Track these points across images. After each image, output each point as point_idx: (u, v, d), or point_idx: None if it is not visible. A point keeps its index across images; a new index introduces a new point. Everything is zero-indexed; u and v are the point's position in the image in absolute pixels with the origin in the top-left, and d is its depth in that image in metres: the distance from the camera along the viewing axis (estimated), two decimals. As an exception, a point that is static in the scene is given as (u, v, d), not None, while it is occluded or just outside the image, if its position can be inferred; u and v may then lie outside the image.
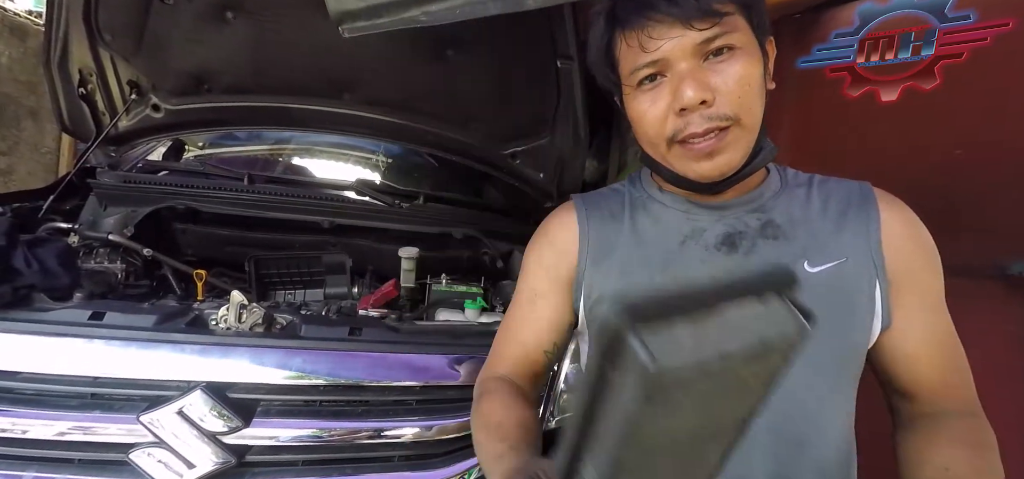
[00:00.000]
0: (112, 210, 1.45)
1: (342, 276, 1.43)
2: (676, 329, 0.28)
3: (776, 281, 0.31)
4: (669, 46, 0.56)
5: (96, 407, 0.80)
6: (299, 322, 0.97)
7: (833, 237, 0.63)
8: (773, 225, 0.64)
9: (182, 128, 1.70)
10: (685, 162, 0.60)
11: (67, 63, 1.46)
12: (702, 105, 0.56)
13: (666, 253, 0.67)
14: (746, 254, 0.64)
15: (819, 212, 0.65)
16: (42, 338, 0.81)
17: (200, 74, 1.57)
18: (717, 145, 0.58)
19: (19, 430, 0.77)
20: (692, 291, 0.29)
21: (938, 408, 0.62)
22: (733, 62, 0.57)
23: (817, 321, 0.35)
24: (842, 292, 0.61)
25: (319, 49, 1.50)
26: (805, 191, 0.67)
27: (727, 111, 0.57)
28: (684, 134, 0.58)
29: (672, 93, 0.58)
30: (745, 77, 0.57)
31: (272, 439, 0.84)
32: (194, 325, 0.90)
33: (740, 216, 0.65)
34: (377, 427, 0.88)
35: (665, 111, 0.59)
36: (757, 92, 0.59)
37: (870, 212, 0.63)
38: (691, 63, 0.57)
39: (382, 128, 1.72)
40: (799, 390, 0.60)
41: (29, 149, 3.03)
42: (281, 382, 0.87)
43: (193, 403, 0.80)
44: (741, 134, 0.58)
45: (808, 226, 0.64)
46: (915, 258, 0.63)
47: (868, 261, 0.61)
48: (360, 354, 0.92)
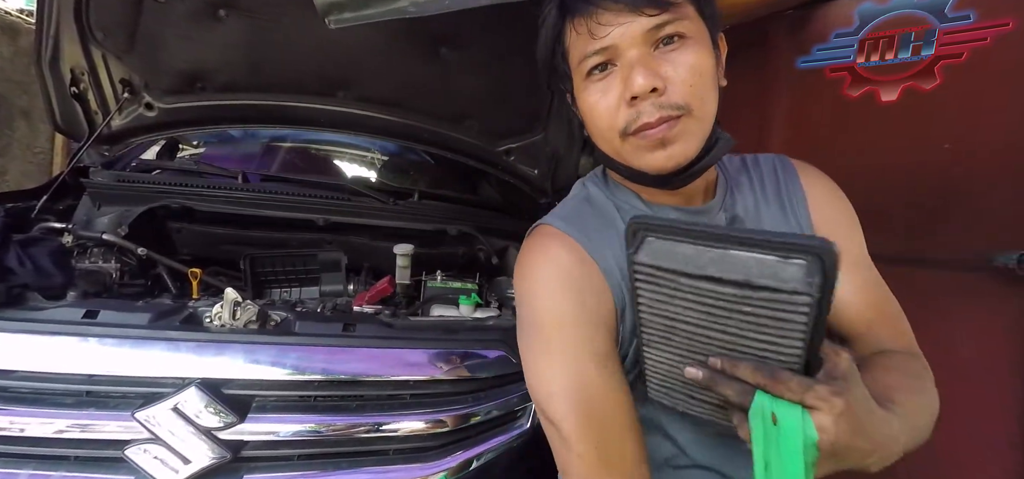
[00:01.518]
0: (106, 209, 1.45)
1: (337, 273, 1.44)
2: (679, 245, 0.42)
3: (817, 249, 0.38)
4: (618, 32, 0.56)
5: (91, 405, 0.80)
6: (293, 319, 0.97)
7: (781, 217, 0.66)
8: (738, 219, 0.66)
9: (176, 127, 1.69)
10: (639, 154, 0.58)
11: (59, 62, 1.45)
12: (653, 93, 0.55)
13: None
14: None
15: (762, 196, 0.67)
16: (36, 337, 0.82)
17: (193, 72, 1.57)
18: (669, 133, 0.56)
19: (15, 428, 0.78)
20: (712, 229, 0.42)
21: (875, 348, 0.64)
22: (684, 51, 0.56)
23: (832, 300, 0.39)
24: None
25: (313, 47, 1.50)
26: (746, 178, 0.69)
27: (678, 100, 0.56)
28: (636, 124, 0.56)
29: (623, 82, 0.57)
30: (696, 66, 0.56)
31: (268, 434, 0.84)
32: (188, 323, 0.91)
33: (713, 217, 0.66)
34: (372, 422, 0.89)
35: (616, 102, 0.58)
36: (710, 83, 0.58)
37: (795, 186, 0.68)
38: (641, 50, 0.56)
39: (377, 126, 1.72)
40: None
41: (22, 149, 3.01)
42: (276, 378, 0.87)
43: (188, 399, 0.81)
44: (693, 125, 0.57)
45: (762, 212, 0.67)
46: (838, 221, 0.67)
47: (803, 230, 0.65)
48: (355, 350, 0.93)
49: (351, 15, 0.98)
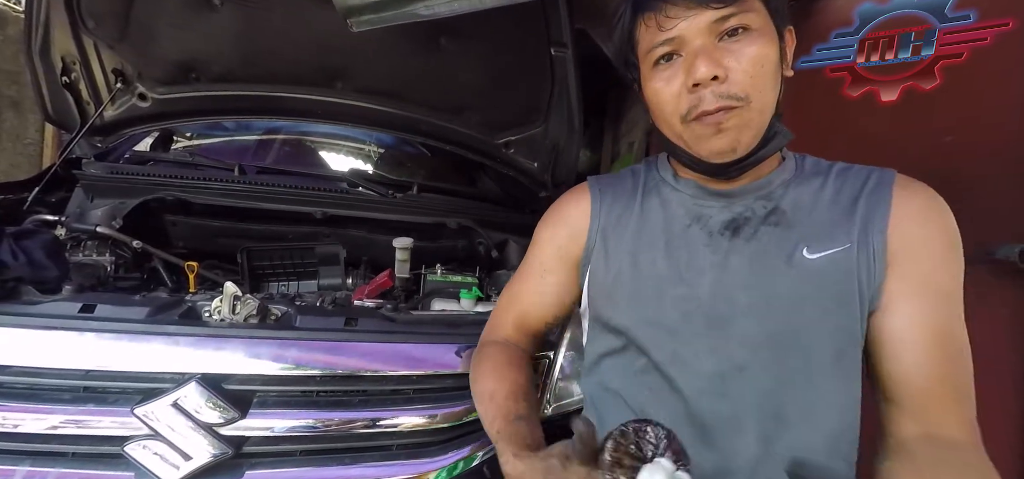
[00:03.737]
0: (100, 202, 1.42)
1: (336, 267, 1.42)
2: None
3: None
4: (684, 25, 0.58)
5: (89, 400, 0.79)
6: (294, 313, 0.96)
7: (838, 224, 0.62)
8: (778, 212, 0.65)
9: (170, 118, 1.66)
10: (698, 140, 0.61)
11: (49, 51, 1.42)
12: (714, 81, 0.58)
13: (670, 235, 0.68)
14: (747, 240, 0.65)
15: (829, 200, 0.64)
16: (32, 331, 0.80)
17: (187, 62, 1.54)
18: (726, 120, 0.58)
19: (11, 424, 0.76)
20: None
21: (931, 429, 0.55)
22: (747, 43, 0.58)
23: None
24: (837, 278, 0.61)
25: (310, 37, 1.47)
26: (821, 180, 0.66)
27: (738, 91, 0.58)
28: (697, 111, 0.59)
29: (685, 70, 0.59)
30: (758, 58, 0.58)
31: (269, 430, 0.83)
32: (187, 317, 0.89)
33: (748, 203, 0.66)
34: (374, 417, 0.88)
35: (679, 89, 0.60)
36: (771, 75, 0.59)
37: (882, 198, 0.62)
38: (705, 41, 0.58)
39: (375, 117, 1.70)
40: (788, 370, 0.62)
41: (11, 140, 2.96)
42: (277, 373, 0.86)
43: (188, 395, 0.79)
44: (751, 115, 0.59)
45: (814, 214, 0.64)
46: (923, 243, 0.59)
47: (869, 246, 0.60)
48: (356, 344, 0.92)
49: (372, 17, 1.05)
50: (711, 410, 0.63)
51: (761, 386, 0.62)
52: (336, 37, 1.45)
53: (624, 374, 0.70)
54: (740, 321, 0.63)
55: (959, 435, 0.54)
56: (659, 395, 0.66)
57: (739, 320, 0.63)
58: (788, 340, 0.61)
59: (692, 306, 0.64)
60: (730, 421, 0.62)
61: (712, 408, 0.63)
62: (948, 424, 0.54)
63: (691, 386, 0.64)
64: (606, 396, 0.72)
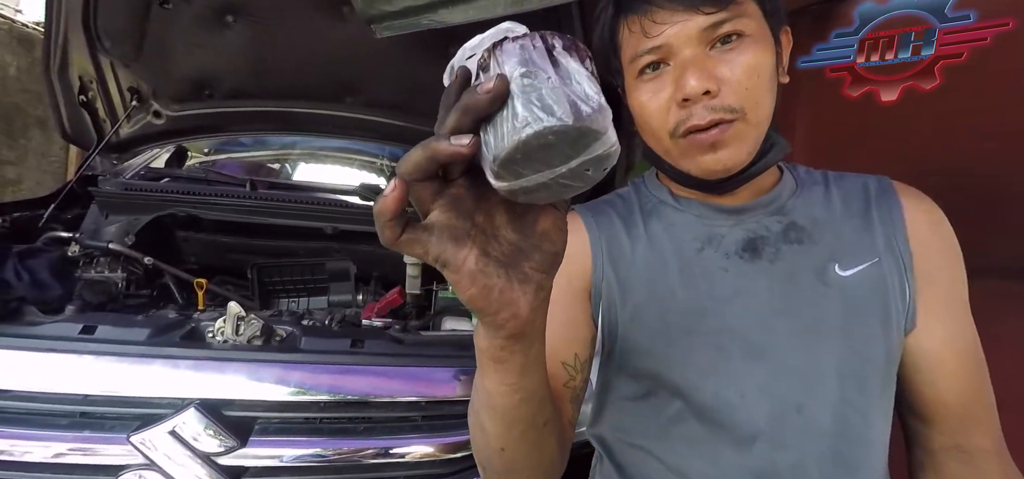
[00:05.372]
0: (114, 218, 1.43)
1: (346, 283, 1.40)
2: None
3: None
4: (673, 31, 0.52)
5: (86, 426, 0.76)
6: (299, 334, 0.92)
7: (861, 236, 0.58)
8: (796, 227, 0.59)
9: (184, 134, 1.67)
10: (688, 157, 0.56)
11: (67, 70, 1.44)
12: (706, 96, 0.52)
13: (683, 262, 0.61)
14: (772, 261, 0.59)
15: (841, 210, 0.60)
16: (31, 354, 0.78)
17: (201, 79, 1.55)
18: (720, 137, 0.53)
19: (6, 451, 0.74)
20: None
21: (960, 440, 0.55)
22: (742, 50, 0.52)
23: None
24: (879, 295, 0.56)
25: (320, 52, 1.47)
26: (822, 189, 0.62)
27: (732, 102, 0.52)
28: (686, 126, 0.53)
29: (674, 83, 0.54)
30: (754, 67, 0.52)
31: (270, 460, 0.79)
32: (189, 338, 0.87)
33: (760, 219, 0.60)
34: (381, 446, 0.84)
35: (667, 102, 0.55)
36: (767, 84, 0.54)
37: (893, 206, 0.59)
38: (696, 50, 0.52)
39: (385, 131, 1.69)
40: (846, 406, 0.55)
41: (37, 158, 3.04)
42: (280, 399, 0.82)
43: (186, 422, 0.76)
44: (746, 129, 0.53)
45: (832, 226, 0.59)
46: (941, 255, 0.57)
47: (897, 258, 0.57)
48: (363, 368, 0.88)
49: (395, 23, 1.07)
50: (771, 462, 0.55)
51: (821, 427, 0.55)
52: (346, 52, 1.44)
53: (650, 424, 0.61)
54: (784, 352, 0.56)
55: (987, 445, 0.55)
56: (701, 448, 0.58)
57: (782, 351, 0.56)
58: (843, 369, 0.55)
59: (725, 339, 0.57)
60: (794, 471, 0.55)
61: (772, 459, 0.55)
62: (977, 435, 0.55)
63: (743, 433, 0.56)
64: (628, 453, 0.64)
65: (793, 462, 0.55)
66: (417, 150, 0.29)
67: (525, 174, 0.28)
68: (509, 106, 0.27)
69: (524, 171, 0.28)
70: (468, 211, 0.32)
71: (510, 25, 0.33)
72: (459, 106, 0.28)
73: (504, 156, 0.27)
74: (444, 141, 0.28)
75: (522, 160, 0.27)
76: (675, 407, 0.59)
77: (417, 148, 0.29)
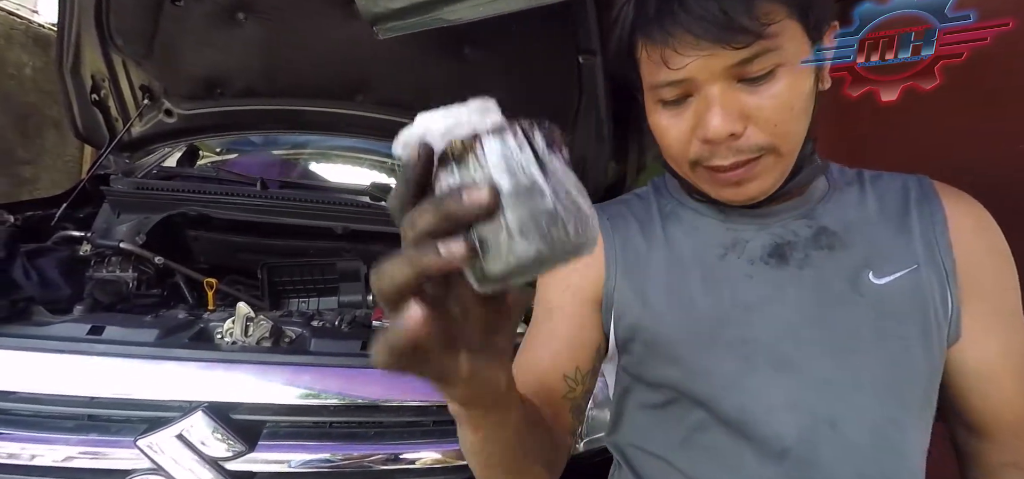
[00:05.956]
0: (125, 217, 1.43)
1: (357, 283, 1.38)
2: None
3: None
4: (696, 66, 0.47)
5: (93, 429, 0.75)
6: (309, 336, 0.91)
7: (898, 241, 0.54)
8: (827, 233, 0.55)
9: (195, 133, 1.67)
10: (709, 186, 0.53)
11: (80, 68, 1.44)
12: (730, 138, 0.48)
13: (705, 268, 0.57)
14: (800, 267, 0.55)
15: (877, 213, 0.56)
16: (38, 355, 0.77)
17: (212, 78, 1.54)
18: (746, 174, 0.49)
19: (13, 455, 0.72)
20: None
21: (1018, 457, 0.52)
22: (775, 82, 0.47)
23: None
24: (917, 304, 0.52)
25: (332, 50, 1.45)
26: (857, 190, 0.58)
27: (760, 142, 0.48)
28: (708, 164, 0.50)
29: (696, 116, 0.49)
30: (788, 101, 0.48)
31: (278, 465, 0.77)
32: (197, 339, 0.85)
33: (787, 224, 0.56)
34: (391, 451, 0.81)
35: (688, 134, 0.50)
36: (801, 112, 0.49)
37: (933, 208, 0.54)
38: (721, 86, 0.47)
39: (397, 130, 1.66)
40: (884, 425, 0.51)
41: (53, 158, 3.08)
42: (289, 402, 0.80)
43: (194, 425, 0.74)
44: (775, 162, 0.50)
45: (866, 231, 0.55)
46: (988, 260, 0.53)
47: (938, 265, 0.52)
48: (373, 371, 0.85)
49: (398, 23, 1.04)
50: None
51: (858, 444, 0.51)
52: (358, 50, 1.42)
53: (670, 433, 0.58)
54: (814, 365, 0.53)
55: None
56: (724, 460, 0.54)
57: (812, 363, 0.53)
58: (880, 384, 0.51)
59: (750, 349, 0.54)
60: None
61: (804, 476, 0.52)
62: None
63: (771, 448, 0.53)
64: (647, 462, 0.61)
65: (825, 477, 0.51)
66: (400, 267, 0.25)
67: (512, 281, 0.26)
68: (501, 221, 0.24)
69: (512, 281, 0.26)
70: (444, 307, 0.28)
71: (481, 105, 0.29)
72: (442, 211, 0.25)
73: (496, 274, 0.25)
74: (432, 254, 0.24)
75: (513, 275, 0.25)
76: (697, 416, 0.56)
77: (398, 264, 0.25)
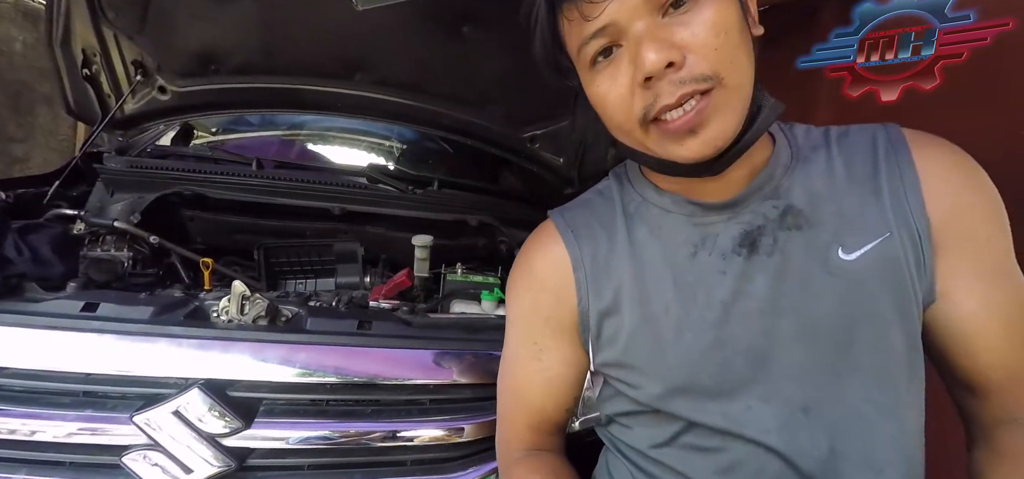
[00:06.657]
0: (119, 196, 1.41)
1: (354, 265, 1.38)
2: None
3: None
4: (614, 7, 0.46)
5: (88, 405, 0.74)
6: (305, 314, 0.90)
7: (867, 208, 0.52)
8: (793, 211, 0.53)
9: (190, 111, 1.64)
10: (666, 144, 0.50)
11: (70, 42, 1.41)
12: (670, 68, 0.46)
13: (676, 270, 0.56)
14: (769, 254, 0.53)
15: (845, 179, 0.53)
16: (31, 331, 0.76)
17: (207, 54, 1.51)
18: (699, 117, 0.47)
19: (8, 431, 0.72)
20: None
21: (1016, 412, 0.51)
22: (699, 8, 0.46)
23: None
24: (890, 275, 0.50)
25: (330, 27, 1.42)
26: (823, 155, 0.56)
27: (703, 69, 0.46)
28: (656, 109, 0.48)
29: (632, 63, 0.48)
30: (718, 23, 0.46)
31: (276, 441, 0.77)
32: (193, 317, 0.84)
33: (755, 208, 0.54)
34: (389, 429, 0.82)
35: (629, 87, 0.49)
36: (738, 40, 0.47)
37: (903, 163, 0.52)
38: (646, 21, 0.46)
39: (395, 110, 1.65)
40: (864, 407, 0.51)
41: (45, 136, 3.04)
42: (285, 380, 0.80)
43: (190, 402, 0.74)
44: (728, 96, 0.47)
45: (834, 201, 0.53)
46: (967, 213, 0.51)
47: (911, 228, 0.50)
48: (370, 350, 0.85)
49: None
50: (788, 468, 0.52)
51: (838, 428, 0.51)
52: (357, 27, 1.39)
53: (655, 435, 0.58)
54: (786, 354, 0.52)
55: None
56: (710, 456, 0.55)
57: (785, 353, 0.52)
58: (858, 366, 0.51)
59: (727, 352, 0.53)
60: (814, 474, 0.51)
61: (788, 465, 0.52)
62: None
63: (754, 441, 0.53)
64: (635, 456, 0.61)
65: (811, 467, 0.51)
66: None
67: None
68: None
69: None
70: None
71: None
72: None
73: None
74: None
75: None
76: (679, 425, 0.56)
77: None
